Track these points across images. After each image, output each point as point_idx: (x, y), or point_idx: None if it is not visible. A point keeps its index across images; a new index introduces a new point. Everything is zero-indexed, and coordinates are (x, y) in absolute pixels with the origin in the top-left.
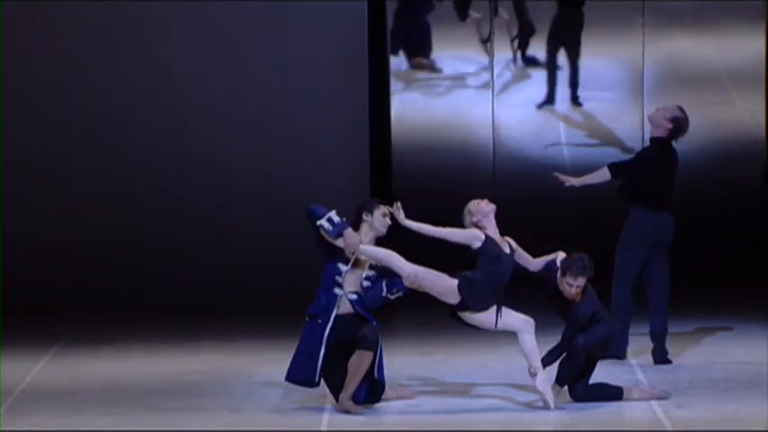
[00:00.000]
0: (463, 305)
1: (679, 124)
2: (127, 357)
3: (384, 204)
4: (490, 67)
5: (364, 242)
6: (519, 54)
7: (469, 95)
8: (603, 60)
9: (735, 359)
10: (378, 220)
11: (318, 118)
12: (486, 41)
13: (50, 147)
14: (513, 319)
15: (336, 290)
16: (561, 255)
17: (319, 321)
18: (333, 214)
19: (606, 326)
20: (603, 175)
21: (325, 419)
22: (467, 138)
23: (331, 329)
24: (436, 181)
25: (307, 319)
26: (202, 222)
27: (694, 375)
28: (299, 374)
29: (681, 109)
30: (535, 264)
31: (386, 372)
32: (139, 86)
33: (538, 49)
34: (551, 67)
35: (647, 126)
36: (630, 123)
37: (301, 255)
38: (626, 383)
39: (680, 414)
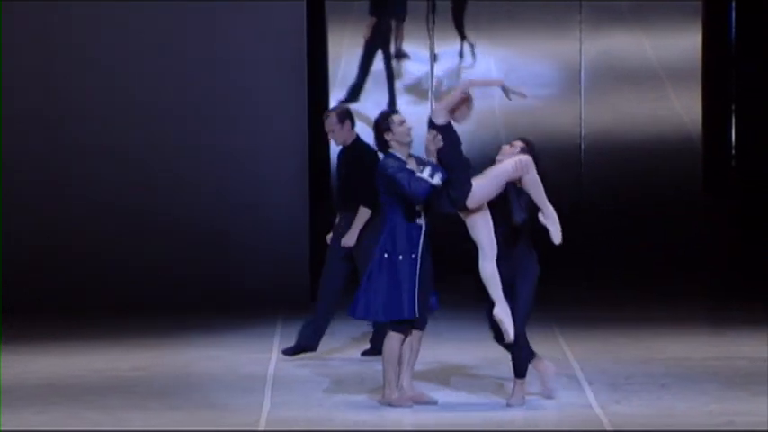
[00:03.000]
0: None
1: (346, 115)
2: (67, 355)
3: (393, 113)
4: (430, 65)
5: (404, 156)
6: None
7: (406, 92)
8: (541, 57)
9: (672, 355)
10: (399, 133)
11: (257, 119)
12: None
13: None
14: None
15: (418, 220)
16: None
17: (413, 257)
18: (427, 176)
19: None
20: None
21: (264, 418)
22: None
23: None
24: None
25: (385, 256)
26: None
27: (632, 371)
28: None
29: (331, 112)
30: None
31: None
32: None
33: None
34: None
35: (585, 123)
36: (568, 119)
37: (232, 254)
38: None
39: (617, 409)
